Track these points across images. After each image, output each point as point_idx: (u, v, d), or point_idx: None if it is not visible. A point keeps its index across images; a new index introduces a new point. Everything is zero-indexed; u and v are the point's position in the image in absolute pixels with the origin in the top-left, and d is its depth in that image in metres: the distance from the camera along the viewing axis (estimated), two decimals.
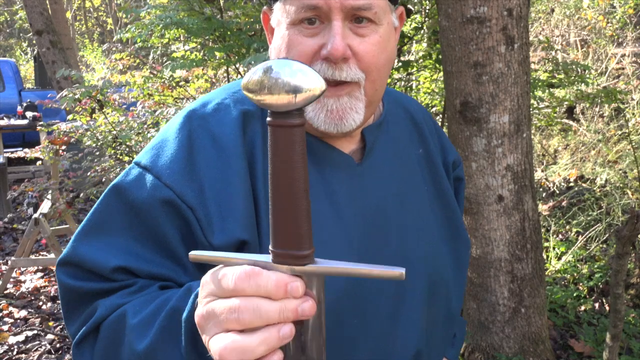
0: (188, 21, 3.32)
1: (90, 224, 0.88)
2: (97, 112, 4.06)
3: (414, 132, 1.08)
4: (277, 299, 0.57)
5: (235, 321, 0.57)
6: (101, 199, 0.89)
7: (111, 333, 0.80)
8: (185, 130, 0.89)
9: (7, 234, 5.88)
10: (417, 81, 4.41)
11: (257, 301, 0.57)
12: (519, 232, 2.47)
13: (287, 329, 0.57)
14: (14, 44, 21.61)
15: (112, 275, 0.83)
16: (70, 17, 15.62)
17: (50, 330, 3.61)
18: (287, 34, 0.86)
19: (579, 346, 2.88)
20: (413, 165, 1.04)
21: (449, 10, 2.32)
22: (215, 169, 0.85)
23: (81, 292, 0.85)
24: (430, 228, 1.03)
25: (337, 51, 0.81)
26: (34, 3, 7.29)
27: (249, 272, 0.57)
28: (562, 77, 3.78)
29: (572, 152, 5.47)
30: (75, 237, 0.89)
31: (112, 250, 0.84)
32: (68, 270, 0.87)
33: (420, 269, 0.98)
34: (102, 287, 0.84)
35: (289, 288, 0.57)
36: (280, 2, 0.88)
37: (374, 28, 0.86)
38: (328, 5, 0.82)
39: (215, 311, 0.59)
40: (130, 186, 0.87)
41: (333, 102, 0.86)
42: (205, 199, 0.84)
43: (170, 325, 0.73)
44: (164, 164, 0.86)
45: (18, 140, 8.65)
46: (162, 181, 0.84)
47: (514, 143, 2.38)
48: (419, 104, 1.17)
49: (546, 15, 7.39)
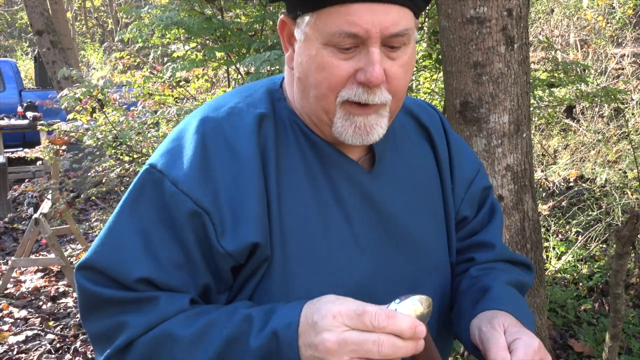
0: (188, 21, 3.32)
1: (109, 233, 0.90)
2: (97, 111, 4.06)
3: (421, 138, 1.07)
4: (406, 338, 0.73)
5: (377, 353, 0.72)
6: (117, 210, 0.91)
7: (152, 350, 0.84)
8: (199, 134, 0.89)
9: (7, 234, 5.88)
10: (417, 81, 4.41)
11: (394, 339, 0.72)
12: (518, 232, 2.47)
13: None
14: (14, 44, 21.61)
15: (134, 286, 0.85)
16: (70, 17, 15.62)
17: (50, 330, 3.61)
18: (320, 54, 0.84)
19: (578, 346, 2.88)
20: (423, 172, 1.04)
21: (449, 11, 2.32)
22: (229, 174, 0.87)
23: (102, 299, 0.87)
24: (440, 235, 1.04)
25: (377, 80, 0.82)
26: (34, 3, 7.29)
27: (389, 314, 0.73)
28: (562, 76, 3.78)
29: (572, 152, 5.48)
30: (95, 245, 0.90)
31: (135, 260, 0.86)
32: (88, 275, 0.88)
33: (431, 274, 0.99)
34: (126, 296, 0.86)
35: (417, 330, 0.73)
36: (311, 17, 0.85)
37: (404, 49, 0.87)
38: (368, 34, 0.82)
39: (355, 340, 0.73)
40: (150, 193, 0.88)
41: (362, 119, 0.88)
42: (219, 203, 0.85)
43: (230, 356, 0.80)
44: (179, 170, 0.87)
45: (18, 140, 8.65)
46: (179, 188, 0.86)
47: (513, 143, 2.38)
48: (428, 108, 1.14)
49: (546, 16, 7.39)
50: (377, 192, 0.96)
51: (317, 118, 0.90)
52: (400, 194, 0.98)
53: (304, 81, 0.88)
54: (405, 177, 1.00)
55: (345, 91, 0.85)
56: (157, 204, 0.87)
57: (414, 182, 1.01)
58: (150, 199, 0.88)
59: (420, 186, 1.02)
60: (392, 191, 0.98)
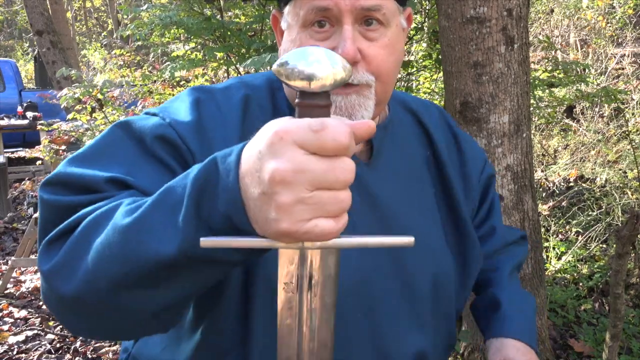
0: (187, 21, 3.32)
1: (87, 151, 0.82)
2: (97, 111, 4.06)
3: (420, 134, 1.08)
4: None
5: (342, 181, 0.56)
6: (102, 134, 0.86)
7: (93, 224, 0.69)
8: (194, 96, 0.91)
9: (7, 233, 5.88)
10: (417, 81, 4.42)
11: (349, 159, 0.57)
12: None
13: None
14: (14, 44, 21.61)
15: (104, 187, 0.75)
16: (70, 17, 15.62)
17: (50, 330, 3.61)
18: (298, 37, 0.87)
19: (578, 346, 2.88)
20: (419, 167, 1.05)
21: (449, 10, 2.32)
22: (218, 131, 0.87)
23: (67, 207, 0.74)
24: (436, 228, 1.04)
25: (348, 55, 0.82)
26: (34, 3, 7.30)
27: (350, 127, 0.56)
28: (561, 75, 3.78)
29: (572, 152, 5.48)
30: (67, 162, 0.80)
31: (110, 168, 0.78)
32: (54, 189, 0.77)
33: (427, 267, 0.98)
34: (92, 197, 0.74)
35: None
36: (290, 5, 0.89)
37: (383, 31, 0.87)
38: (338, 7, 0.83)
39: (315, 168, 0.54)
40: (135, 122, 0.86)
41: (341, 99, 0.87)
42: (205, 152, 0.80)
43: (165, 198, 0.64)
44: (172, 114, 0.87)
45: (18, 140, 8.65)
46: (167, 121, 0.85)
47: (513, 143, 2.38)
48: (429, 105, 1.15)
49: (546, 16, 7.39)
50: (374, 184, 0.96)
51: None
52: (397, 186, 0.99)
53: None
54: (402, 170, 1.01)
55: None
56: (144, 129, 0.83)
57: (410, 175, 1.02)
58: (138, 125, 0.84)
59: (416, 180, 1.03)
60: (389, 183, 0.98)
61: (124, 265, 0.64)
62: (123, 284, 0.65)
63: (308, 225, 0.55)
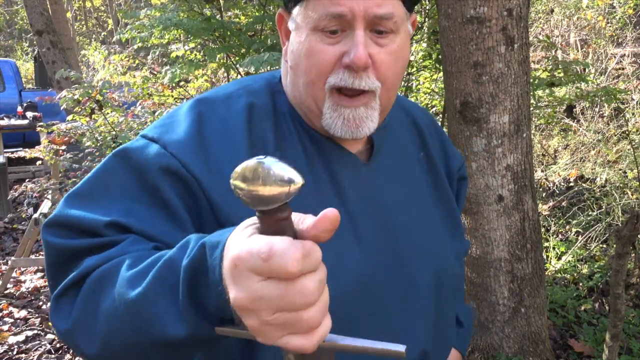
0: (187, 23, 3.32)
1: (86, 188, 0.84)
2: (96, 112, 4.06)
3: (416, 135, 1.11)
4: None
5: (304, 303, 0.54)
6: (100, 165, 0.86)
7: (100, 283, 0.73)
8: (195, 111, 0.90)
9: (7, 234, 5.88)
10: (417, 81, 4.42)
11: (320, 273, 0.56)
12: (518, 232, 2.47)
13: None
14: (14, 44, 21.61)
15: (105, 231, 0.78)
16: (70, 17, 15.62)
17: (50, 330, 3.60)
18: (307, 40, 0.86)
19: (578, 346, 2.88)
20: (415, 167, 1.07)
21: (449, 10, 2.32)
22: (224, 147, 0.86)
23: (70, 251, 0.78)
24: (435, 225, 1.06)
25: (360, 60, 0.83)
26: (34, 3, 7.30)
27: (307, 249, 0.55)
28: (561, 75, 3.78)
29: (572, 152, 5.47)
30: (67, 200, 0.82)
31: (110, 210, 0.79)
32: (57, 232, 0.80)
33: (428, 264, 1.00)
34: (94, 242, 0.77)
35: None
36: (300, 6, 0.88)
37: (393, 37, 0.87)
38: (352, 13, 0.83)
39: (270, 295, 0.54)
40: (134, 152, 0.85)
41: (350, 111, 0.88)
42: (213, 172, 0.82)
43: (165, 275, 0.67)
44: (172, 137, 0.86)
45: (18, 140, 8.65)
46: (168, 150, 0.83)
47: (513, 143, 2.38)
48: (422, 109, 1.20)
49: (546, 16, 7.39)
50: (374, 184, 0.97)
51: (308, 108, 0.91)
52: (396, 185, 1.01)
53: (295, 69, 0.90)
54: (401, 170, 1.03)
55: (332, 77, 0.86)
56: (143, 161, 0.83)
57: (408, 175, 1.04)
58: (136, 157, 0.84)
59: (414, 179, 1.05)
60: (389, 182, 1.00)
61: (135, 336, 0.70)
62: (134, 352, 0.72)
63: (281, 342, 0.56)
